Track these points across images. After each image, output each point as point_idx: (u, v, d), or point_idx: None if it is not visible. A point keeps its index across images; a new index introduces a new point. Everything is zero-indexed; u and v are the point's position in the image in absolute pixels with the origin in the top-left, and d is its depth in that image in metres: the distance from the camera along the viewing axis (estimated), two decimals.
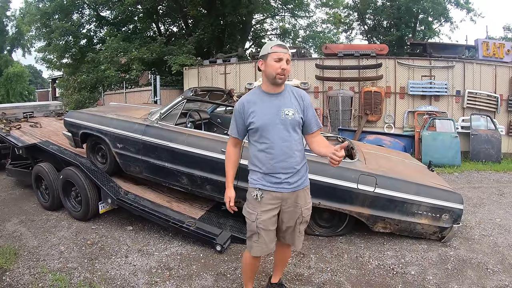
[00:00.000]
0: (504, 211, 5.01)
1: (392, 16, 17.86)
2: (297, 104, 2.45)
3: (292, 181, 2.44)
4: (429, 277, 3.26)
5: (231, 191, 2.58)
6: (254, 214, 2.46)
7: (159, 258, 3.64)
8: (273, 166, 2.40)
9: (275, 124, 2.38)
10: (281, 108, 2.40)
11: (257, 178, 2.47)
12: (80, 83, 14.69)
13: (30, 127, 6.48)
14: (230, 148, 2.60)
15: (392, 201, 3.74)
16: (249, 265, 2.71)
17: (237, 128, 2.51)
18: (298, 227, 2.55)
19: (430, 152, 8.23)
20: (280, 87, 2.45)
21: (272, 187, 2.43)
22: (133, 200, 4.29)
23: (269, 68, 2.36)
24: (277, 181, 2.41)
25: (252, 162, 2.50)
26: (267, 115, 2.39)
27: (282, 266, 2.98)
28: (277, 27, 21.17)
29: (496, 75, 9.46)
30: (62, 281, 3.16)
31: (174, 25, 18.67)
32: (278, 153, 2.39)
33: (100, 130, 4.66)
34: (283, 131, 2.39)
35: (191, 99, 4.52)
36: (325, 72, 10.13)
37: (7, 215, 4.93)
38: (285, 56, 2.33)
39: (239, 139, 2.55)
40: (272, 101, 2.42)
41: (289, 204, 2.48)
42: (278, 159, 2.39)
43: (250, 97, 2.50)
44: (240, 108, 2.47)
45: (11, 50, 32.03)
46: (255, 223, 2.45)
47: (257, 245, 2.50)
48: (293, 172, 2.43)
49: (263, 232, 2.46)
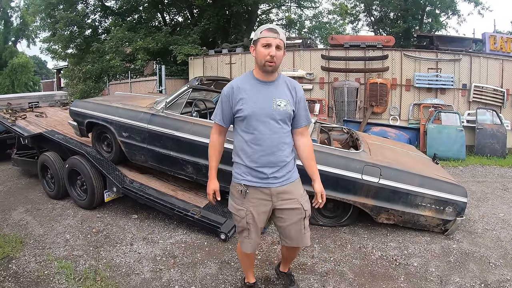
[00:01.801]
0: (508, 206, 4.99)
1: (399, 8, 17.64)
2: (289, 96, 2.30)
3: (279, 175, 2.30)
4: (432, 269, 3.28)
5: (214, 183, 2.43)
6: (243, 210, 2.34)
7: (164, 246, 3.68)
8: (260, 159, 2.26)
9: (265, 114, 2.23)
10: (273, 98, 2.25)
11: (242, 172, 2.33)
12: (85, 73, 14.68)
13: (35, 117, 6.51)
14: (214, 136, 2.41)
15: (396, 193, 3.75)
16: (244, 257, 2.65)
17: (223, 114, 2.33)
18: (302, 222, 2.40)
19: (435, 145, 8.19)
20: (273, 75, 2.29)
21: (258, 182, 2.29)
22: (138, 188, 4.32)
23: (258, 55, 2.20)
24: (263, 176, 2.28)
25: (237, 153, 2.36)
26: (257, 103, 2.23)
27: (291, 260, 2.91)
28: (283, 17, 20.98)
29: (503, 69, 9.36)
30: (67, 269, 3.20)
31: (179, 15, 18.54)
32: (266, 145, 2.25)
33: (106, 119, 4.67)
34: (273, 123, 2.25)
35: (197, 88, 4.52)
36: (331, 63, 10.06)
37: (13, 204, 4.98)
38: (274, 41, 2.15)
39: (223, 126, 2.37)
40: (264, 90, 2.27)
41: (283, 200, 2.34)
42: (265, 152, 2.25)
43: (240, 82, 2.31)
44: (229, 92, 2.28)
45: (15, 41, 32.01)
46: (245, 219, 2.34)
47: (248, 241, 2.42)
48: (280, 166, 2.29)
49: (253, 228, 2.37)
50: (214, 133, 2.42)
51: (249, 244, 2.43)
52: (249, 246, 2.43)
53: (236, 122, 2.34)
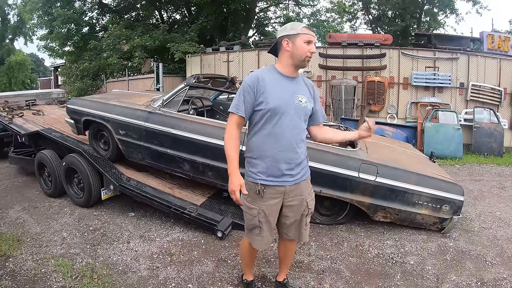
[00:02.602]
0: (505, 204, 5.01)
1: (397, 7, 17.61)
2: (308, 93, 2.33)
3: (294, 173, 2.29)
4: (428, 267, 3.28)
5: (238, 178, 2.19)
6: (255, 209, 2.29)
7: (161, 244, 3.67)
8: (277, 155, 2.22)
9: (288, 109, 2.20)
10: (296, 94, 2.24)
11: (257, 171, 2.26)
12: (82, 71, 14.67)
13: (32, 115, 6.50)
14: (233, 128, 2.24)
15: (393, 191, 3.75)
16: (248, 253, 2.65)
17: (245, 105, 2.21)
18: (304, 219, 2.41)
19: (432, 144, 8.22)
20: (296, 72, 2.31)
21: (274, 181, 2.25)
22: (135, 186, 4.31)
23: (298, 50, 2.19)
24: (279, 174, 2.24)
25: (251, 149, 2.29)
26: (282, 97, 2.20)
27: (288, 263, 2.81)
28: (280, 16, 20.98)
29: (500, 68, 9.38)
30: (64, 267, 3.19)
31: (177, 13, 18.52)
32: (285, 141, 2.22)
33: (103, 117, 4.66)
34: (295, 118, 2.24)
35: (194, 86, 4.51)
36: (329, 61, 10.07)
37: (10, 202, 4.97)
38: (314, 39, 2.24)
39: (244, 118, 2.23)
40: (288, 85, 2.25)
41: (292, 197, 2.33)
42: (284, 148, 2.22)
43: (264, 73, 2.25)
44: (253, 82, 2.19)
45: (13, 39, 31.82)
46: (257, 218, 2.30)
47: (260, 239, 2.37)
48: (296, 163, 2.28)
49: (265, 226, 2.33)
50: (233, 125, 2.24)
51: (261, 241, 2.39)
52: (261, 243, 2.41)
53: (254, 116, 2.26)
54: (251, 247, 2.51)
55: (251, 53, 11.10)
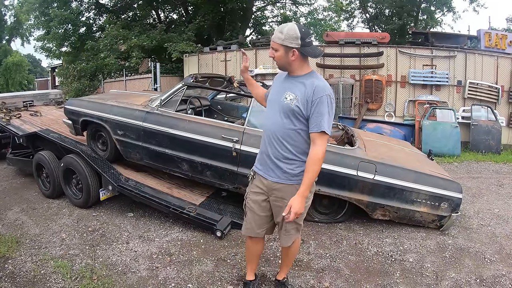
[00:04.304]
0: (503, 201, 5.03)
1: (394, 5, 17.66)
2: (302, 92, 2.20)
3: (275, 169, 2.33)
4: (427, 264, 3.29)
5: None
6: (247, 192, 2.55)
7: (160, 244, 3.67)
8: (263, 146, 2.42)
9: (274, 104, 2.33)
10: (286, 91, 2.28)
11: (256, 158, 2.52)
12: (79, 72, 14.63)
13: (30, 115, 6.47)
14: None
15: (392, 189, 3.76)
16: (247, 247, 2.73)
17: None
18: (284, 224, 2.41)
19: (430, 142, 8.22)
20: (295, 72, 2.29)
21: (260, 170, 2.44)
22: (134, 186, 4.30)
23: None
24: (265, 165, 2.38)
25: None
26: (273, 93, 2.41)
27: (288, 262, 2.81)
28: (278, 14, 20.97)
29: (497, 66, 9.43)
30: (64, 268, 3.19)
31: (174, 12, 18.50)
32: (267, 134, 2.37)
33: (101, 117, 4.65)
34: (276, 114, 2.30)
35: (192, 85, 4.50)
36: (326, 59, 10.08)
37: (8, 203, 4.94)
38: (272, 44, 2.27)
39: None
40: (285, 83, 2.35)
41: (275, 197, 2.36)
42: (266, 141, 2.38)
43: (280, 72, 2.48)
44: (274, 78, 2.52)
45: (9, 40, 31.79)
46: (245, 201, 2.55)
47: (245, 224, 2.57)
48: (279, 160, 2.30)
49: (249, 213, 2.51)
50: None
51: (245, 226, 2.57)
52: (245, 228, 2.58)
53: None
54: (248, 240, 2.66)
55: (249, 52, 11.03)
